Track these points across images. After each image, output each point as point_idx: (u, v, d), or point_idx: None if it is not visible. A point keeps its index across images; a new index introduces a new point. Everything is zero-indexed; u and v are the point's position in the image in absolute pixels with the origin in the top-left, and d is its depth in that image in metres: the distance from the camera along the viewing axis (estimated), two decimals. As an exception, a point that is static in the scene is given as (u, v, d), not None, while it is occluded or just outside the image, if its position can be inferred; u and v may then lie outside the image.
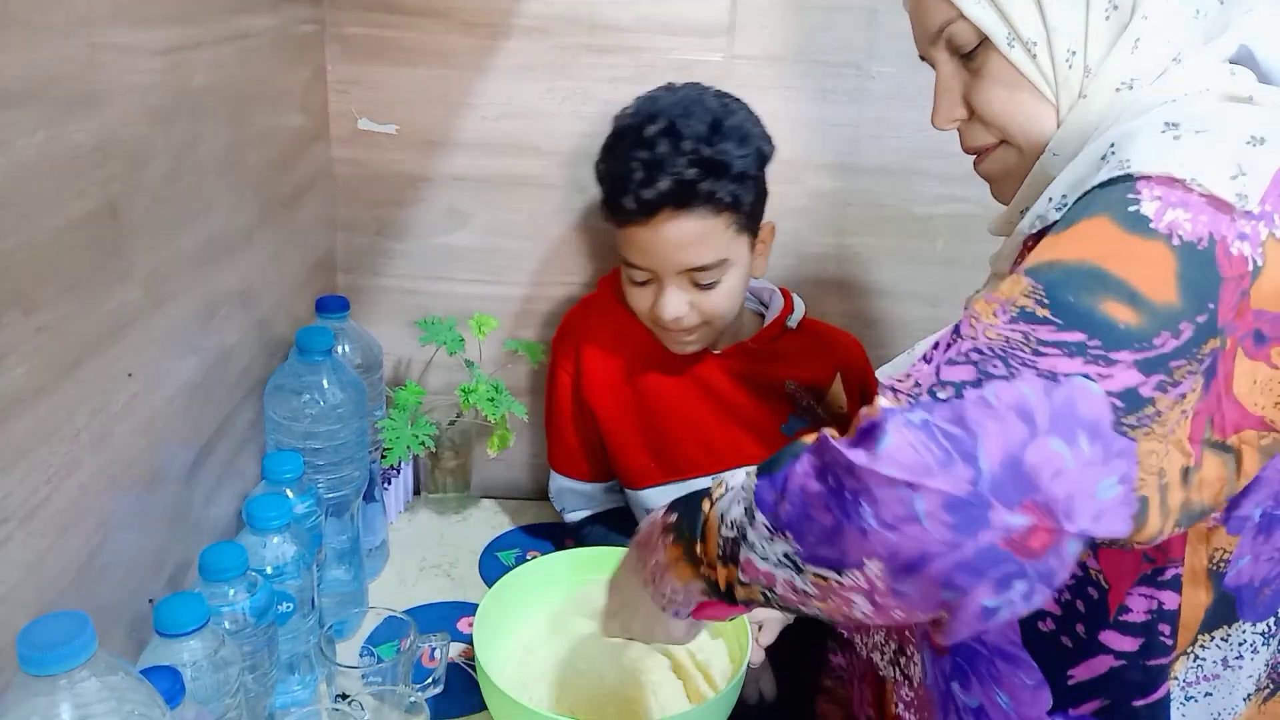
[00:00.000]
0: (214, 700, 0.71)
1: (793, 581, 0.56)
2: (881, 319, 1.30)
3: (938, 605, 0.51)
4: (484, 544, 1.24)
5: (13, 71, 0.60)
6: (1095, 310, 0.53)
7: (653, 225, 1.00)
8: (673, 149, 0.98)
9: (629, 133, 1.02)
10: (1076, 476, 0.49)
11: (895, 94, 1.19)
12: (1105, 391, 0.51)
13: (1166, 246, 0.54)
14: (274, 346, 1.07)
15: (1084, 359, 0.52)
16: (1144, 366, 0.52)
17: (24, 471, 0.64)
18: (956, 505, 0.49)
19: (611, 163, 1.03)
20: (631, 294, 1.08)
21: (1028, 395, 0.51)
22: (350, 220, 1.26)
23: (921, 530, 0.49)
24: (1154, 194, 0.56)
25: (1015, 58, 0.68)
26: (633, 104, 1.06)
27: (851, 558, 0.52)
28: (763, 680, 1.02)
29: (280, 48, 1.05)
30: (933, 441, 0.50)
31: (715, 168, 0.98)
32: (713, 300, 1.05)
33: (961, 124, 0.75)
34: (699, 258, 1.01)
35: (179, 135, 0.83)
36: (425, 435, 1.15)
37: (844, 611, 0.55)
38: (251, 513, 0.86)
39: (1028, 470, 0.49)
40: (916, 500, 0.49)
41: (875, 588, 0.52)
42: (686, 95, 1.03)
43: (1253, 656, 0.67)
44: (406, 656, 0.90)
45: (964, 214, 1.24)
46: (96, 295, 0.71)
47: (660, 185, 0.97)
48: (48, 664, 0.52)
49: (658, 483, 1.13)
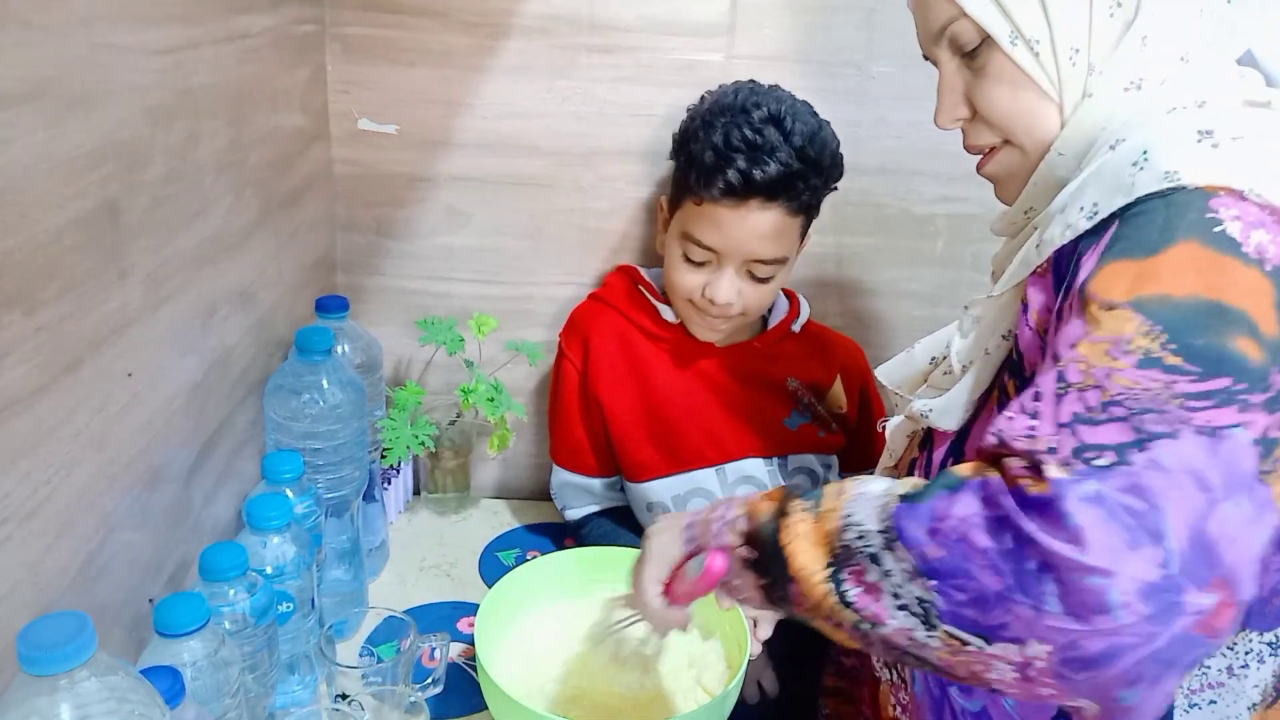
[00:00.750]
0: (214, 700, 0.71)
1: (913, 632, 0.52)
2: (881, 319, 1.30)
3: (1109, 698, 0.47)
4: (484, 544, 1.24)
5: (13, 71, 0.60)
6: (1228, 351, 0.50)
7: (742, 209, 1.02)
8: (783, 138, 1.00)
9: (734, 112, 1.03)
10: (1245, 540, 0.47)
11: (895, 94, 1.19)
12: (1251, 440, 0.48)
13: (1262, 274, 0.52)
14: (274, 346, 1.07)
15: (1236, 407, 0.49)
16: (1269, 406, 0.49)
17: (24, 471, 0.64)
18: (1150, 592, 0.45)
19: (712, 138, 1.03)
20: (681, 271, 1.09)
21: (1194, 457, 0.47)
22: (350, 220, 1.26)
23: (1113, 623, 0.45)
24: (1231, 213, 0.54)
25: (1018, 56, 0.68)
26: (729, 86, 1.08)
27: (1015, 632, 0.48)
28: (764, 676, 1.02)
29: (280, 48, 1.05)
30: (1115, 520, 0.46)
31: (815, 168, 1.02)
32: (759, 294, 1.08)
33: (964, 123, 0.75)
34: (770, 250, 1.04)
35: (179, 135, 0.83)
36: (425, 435, 1.15)
37: (970, 670, 0.50)
38: (251, 513, 0.86)
39: (1211, 544, 0.46)
40: (1112, 590, 0.45)
41: (1034, 667, 0.48)
42: (783, 95, 1.06)
43: (1259, 666, 0.67)
44: (406, 656, 0.90)
45: (963, 214, 1.24)
46: (96, 295, 0.71)
47: (769, 170, 0.99)
48: (48, 664, 0.52)
49: (661, 475, 1.14)
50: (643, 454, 1.14)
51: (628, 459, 1.15)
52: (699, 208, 1.04)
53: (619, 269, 1.21)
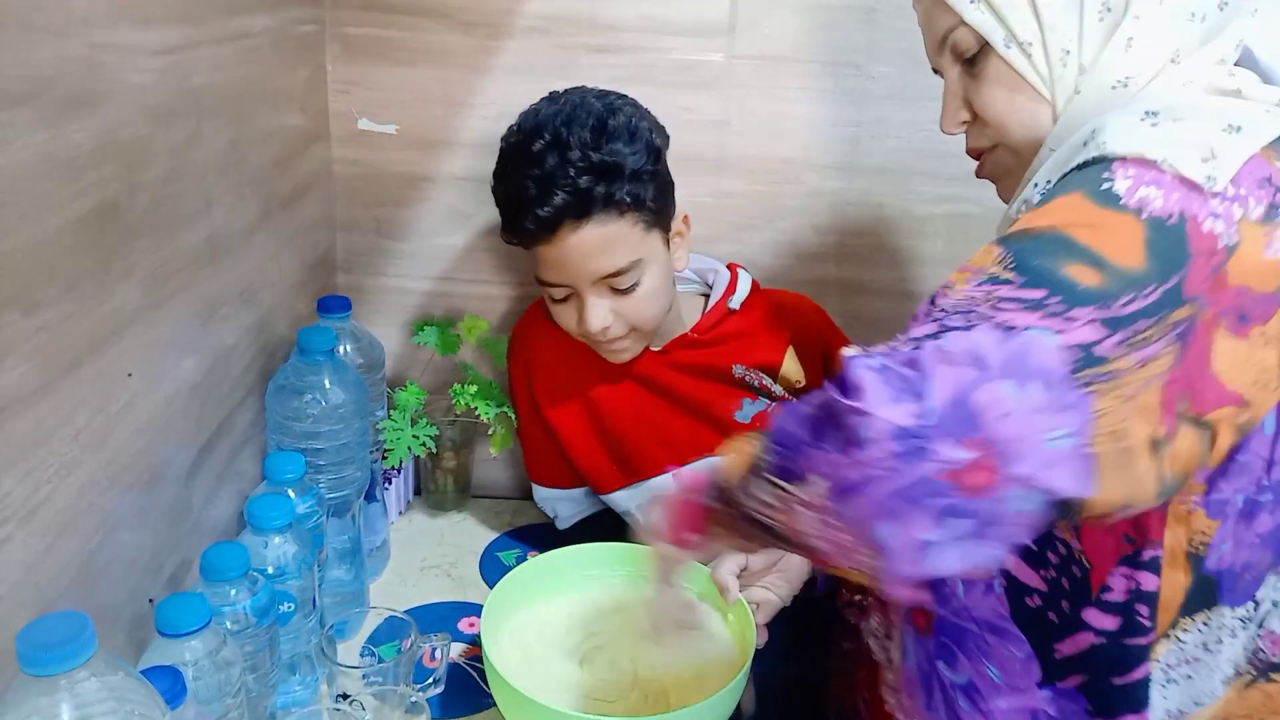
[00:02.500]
0: (215, 700, 0.71)
1: (759, 491, 0.59)
2: (881, 319, 1.30)
3: (872, 536, 0.53)
4: (484, 544, 1.24)
5: (13, 71, 0.60)
6: (1057, 271, 0.56)
7: (557, 241, 0.98)
8: (561, 160, 0.96)
9: (517, 152, 1.00)
10: (1025, 421, 0.51)
11: (895, 94, 1.19)
12: (1061, 344, 0.53)
13: (1135, 218, 0.57)
14: (274, 346, 1.07)
15: (1042, 313, 0.54)
16: (1106, 324, 0.54)
17: (24, 471, 0.64)
18: (900, 434, 0.51)
19: (505, 186, 1.02)
20: (556, 312, 1.07)
21: (982, 343, 0.53)
22: (350, 220, 1.26)
23: (864, 454, 0.52)
24: (1127, 173, 0.59)
25: (1012, 58, 0.72)
26: (517, 120, 1.04)
27: (800, 468, 0.56)
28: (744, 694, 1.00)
29: (280, 48, 1.05)
30: (888, 382, 0.53)
31: (607, 171, 0.97)
32: (635, 303, 1.03)
33: (967, 127, 0.79)
34: (611, 263, 1.00)
35: (179, 135, 0.83)
36: (426, 436, 1.15)
37: (799, 531, 0.57)
38: (253, 513, 0.86)
39: (973, 409, 0.51)
40: (864, 426, 0.52)
41: (822, 506, 0.54)
42: (568, 101, 1.01)
43: (1231, 641, 0.68)
44: (407, 656, 0.90)
45: (963, 214, 1.24)
46: (96, 295, 0.71)
47: (555, 201, 0.96)
48: (48, 664, 0.52)
49: (622, 485, 1.13)
50: (600, 468, 1.14)
51: (586, 473, 1.15)
52: (530, 252, 1.03)
53: None
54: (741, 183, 1.22)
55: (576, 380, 1.14)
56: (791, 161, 1.23)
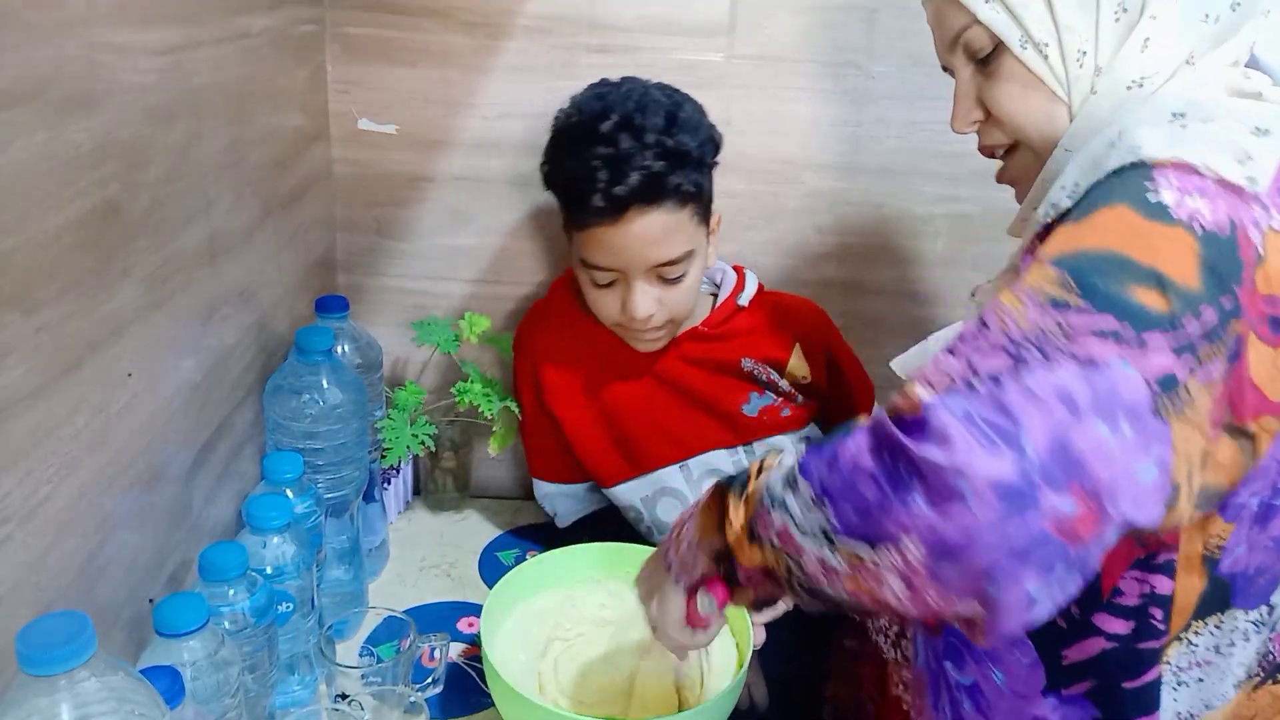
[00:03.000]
0: (214, 700, 0.71)
1: (823, 557, 0.55)
2: (882, 319, 1.30)
3: (977, 593, 0.50)
4: (484, 544, 1.24)
5: (13, 71, 0.60)
6: (1123, 294, 0.53)
7: (622, 223, 0.98)
8: (637, 143, 0.97)
9: (582, 132, 1.00)
10: (1120, 460, 0.50)
11: (895, 94, 1.19)
12: (1142, 376, 0.52)
13: (1187, 233, 0.56)
14: (274, 346, 1.07)
15: (1118, 344, 0.52)
16: (1176, 350, 0.53)
17: (24, 471, 0.64)
18: (1004, 491, 0.48)
19: (568, 165, 1.01)
20: (595, 297, 1.07)
21: (1068, 381, 0.51)
22: (350, 220, 1.26)
23: (968, 512, 0.49)
24: (1170, 181, 0.57)
25: (1028, 59, 0.71)
26: (572, 105, 1.04)
27: (889, 531, 0.51)
28: (755, 688, 1.01)
29: (280, 48, 1.05)
30: (977, 429, 0.50)
31: (679, 158, 0.98)
32: (679, 294, 1.05)
33: (979, 126, 0.78)
34: (669, 252, 1.01)
35: (179, 135, 0.83)
36: (425, 435, 1.15)
37: (874, 593, 0.54)
38: (251, 513, 0.86)
39: (1075, 454, 0.49)
40: (960, 482, 0.49)
41: (913, 568, 0.51)
42: (633, 89, 1.02)
43: (1244, 644, 0.68)
44: (406, 656, 0.90)
45: (963, 214, 1.24)
46: (96, 295, 0.71)
47: (630, 180, 0.96)
48: (48, 664, 0.52)
49: (626, 479, 1.13)
50: (605, 460, 1.14)
51: (591, 466, 1.15)
52: (584, 234, 1.02)
53: (566, 274, 1.19)
54: (741, 183, 1.22)
55: (584, 373, 1.14)
56: (791, 161, 1.23)
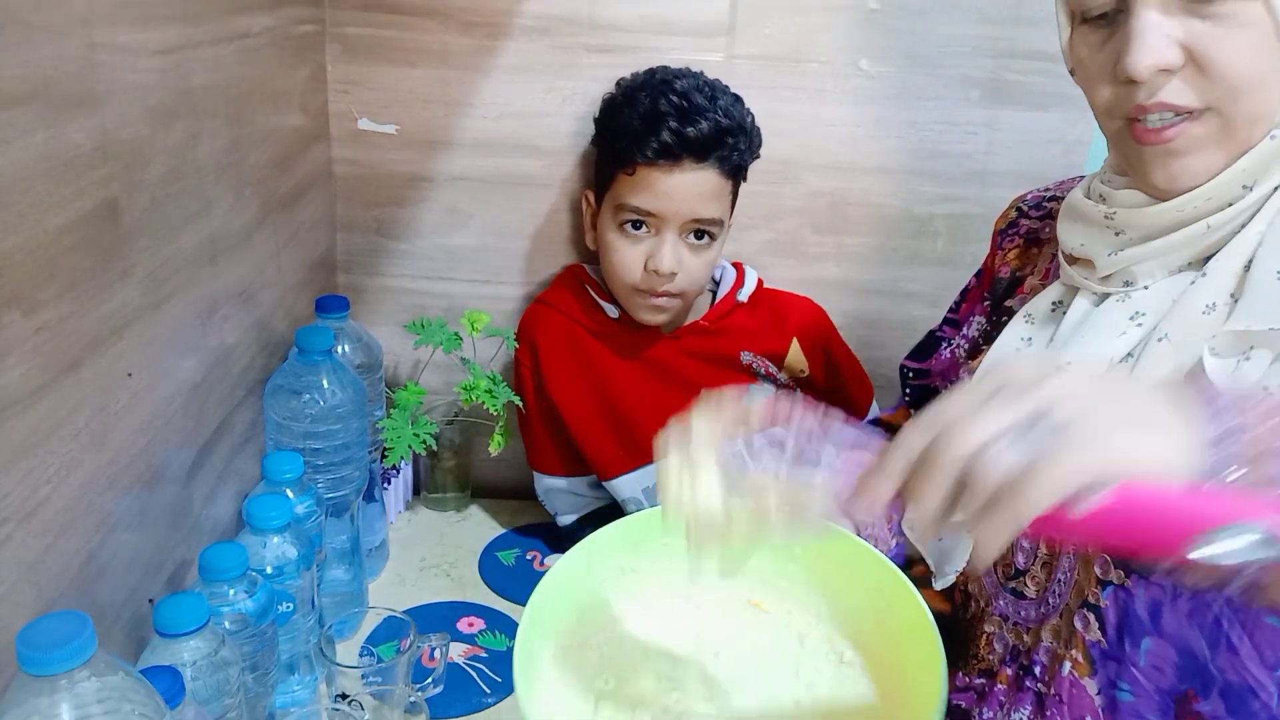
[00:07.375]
0: (214, 700, 0.71)
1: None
2: (881, 319, 1.30)
3: None
4: (484, 544, 1.24)
5: (13, 71, 0.60)
6: None
7: (676, 170, 1.04)
8: (708, 99, 1.04)
9: (656, 84, 1.06)
10: None
11: (895, 94, 1.19)
12: None
13: None
14: (274, 346, 1.07)
15: None
16: None
17: (24, 471, 0.64)
18: None
19: (640, 106, 1.06)
20: (621, 249, 1.09)
21: None
22: (350, 220, 1.26)
23: None
24: None
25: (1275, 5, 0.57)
26: (643, 72, 1.11)
27: None
28: None
29: (280, 48, 1.05)
30: None
31: (742, 130, 1.06)
32: (699, 264, 1.09)
33: (1164, 75, 0.61)
34: (708, 210, 1.06)
35: (179, 135, 0.83)
36: (426, 435, 1.15)
37: None
38: (251, 513, 0.86)
39: None
40: None
41: None
42: (699, 73, 1.10)
43: None
44: (406, 656, 0.90)
45: (964, 214, 1.24)
46: (96, 295, 0.71)
47: (701, 127, 1.02)
48: (48, 664, 0.52)
49: (627, 470, 1.14)
50: (606, 451, 1.15)
51: (592, 458, 1.16)
52: (632, 176, 1.06)
53: (566, 269, 1.23)
54: (741, 183, 1.23)
55: (585, 365, 1.15)
56: (791, 162, 1.23)
